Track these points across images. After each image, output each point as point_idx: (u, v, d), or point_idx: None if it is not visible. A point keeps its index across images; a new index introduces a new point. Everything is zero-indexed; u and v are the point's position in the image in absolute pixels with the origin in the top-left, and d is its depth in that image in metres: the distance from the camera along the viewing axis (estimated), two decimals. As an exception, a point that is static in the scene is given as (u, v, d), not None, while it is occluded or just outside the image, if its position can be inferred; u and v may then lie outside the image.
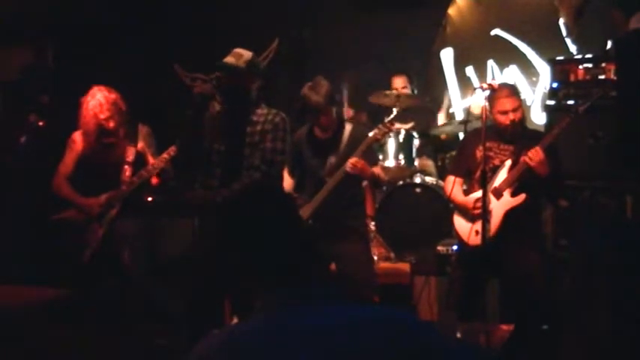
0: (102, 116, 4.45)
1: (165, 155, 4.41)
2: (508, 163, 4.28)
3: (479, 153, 4.27)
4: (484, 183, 4.07)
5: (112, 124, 4.48)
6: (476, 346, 3.99)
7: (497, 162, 4.32)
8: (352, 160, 4.26)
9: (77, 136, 4.61)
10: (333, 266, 4.43)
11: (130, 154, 4.56)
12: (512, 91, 4.33)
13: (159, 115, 4.95)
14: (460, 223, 4.39)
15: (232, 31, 6.50)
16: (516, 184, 4.23)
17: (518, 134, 4.31)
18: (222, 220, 1.87)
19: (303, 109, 4.37)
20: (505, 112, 4.24)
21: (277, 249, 1.73)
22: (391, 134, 5.77)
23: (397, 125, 5.85)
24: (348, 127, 4.46)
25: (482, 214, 4.07)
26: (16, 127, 5.21)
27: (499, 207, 4.23)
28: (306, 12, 7.10)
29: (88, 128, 4.50)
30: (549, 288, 4.05)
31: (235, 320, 4.85)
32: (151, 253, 4.75)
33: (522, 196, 4.21)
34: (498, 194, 4.25)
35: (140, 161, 4.59)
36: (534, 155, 4.10)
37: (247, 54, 4.09)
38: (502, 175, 4.28)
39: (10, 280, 4.24)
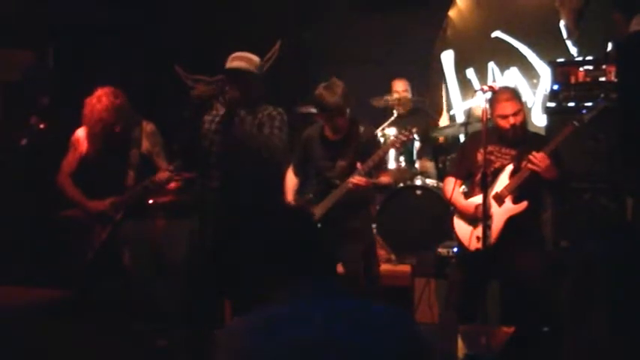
0: (109, 121, 4.43)
1: (170, 168, 4.41)
2: (509, 167, 4.27)
3: (480, 156, 4.26)
4: (485, 187, 4.06)
5: (118, 129, 4.47)
6: None
7: (497, 165, 4.31)
8: (354, 179, 4.24)
9: (82, 136, 4.58)
10: (340, 268, 4.43)
11: (134, 158, 4.54)
12: (513, 94, 4.30)
13: (159, 116, 4.94)
14: (460, 228, 4.38)
15: (232, 32, 6.51)
16: (518, 190, 4.22)
17: (520, 138, 4.29)
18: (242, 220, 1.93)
19: (319, 109, 4.35)
20: (505, 117, 4.22)
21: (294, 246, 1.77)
22: (390, 135, 5.78)
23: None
24: (359, 129, 4.44)
25: (483, 218, 4.06)
26: (16, 129, 5.21)
27: (501, 213, 4.21)
28: (306, 13, 7.10)
29: (94, 132, 4.48)
30: (550, 290, 4.04)
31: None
32: (152, 254, 4.74)
33: (524, 204, 4.19)
34: (500, 200, 4.23)
35: (145, 163, 4.58)
36: (541, 161, 4.08)
37: (256, 58, 4.10)
38: (503, 181, 4.26)
39: (11, 281, 4.24)
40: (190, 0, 7.05)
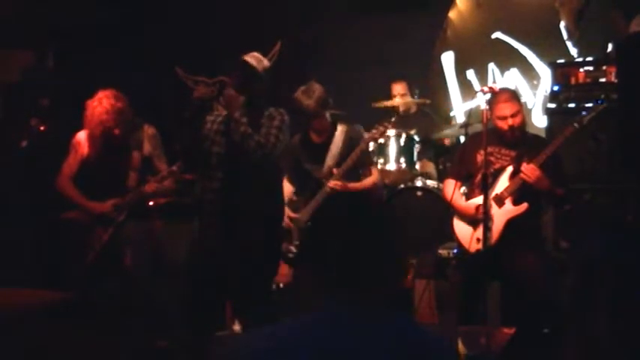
0: (109, 124, 4.42)
1: (172, 173, 4.41)
2: (509, 169, 4.27)
3: (479, 157, 4.26)
4: (485, 187, 4.06)
5: (118, 132, 4.47)
6: None
7: (497, 166, 4.31)
8: (330, 184, 4.28)
9: (82, 139, 4.58)
10: None
11: (136, 160, 4.54)
12: (511, 95, 4.31)
13: (159, 117, 4.94)
14: (460, 229, 4.37)
15: (232, 33, 6.51)
16: (518, 192, 4.22)
17: (519, 139, 4.30)
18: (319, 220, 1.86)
19: (296, 112, 4.38)
20: (504, 118, 4.23)
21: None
22: (391, 136, 5.80)
23: (397, 129, 5.87)
24: (341, 128, 4.47)
25: (483, 219, 4.06)
26: (17, 130, 5.21)
27: (501, 215, 4.21)
28: (306, 14, 7.11)
29: (94, 134, 4.49)
30: (550, 290, 4.04)
31: (237, 324, 4.84)
32: (153, 255, 4.74)
33: (524, 206, 4.20)
34: (500, 202, 4.23)
35: (146, 166, 4.58)
36: (530, 173, 4.11)
37: (266, 61, 4.10)
38: (503, 182, 4.27)
39: (12, 283, 4.24)
40: (190, 0, 7.05)
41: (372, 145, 5.47)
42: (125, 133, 4.51)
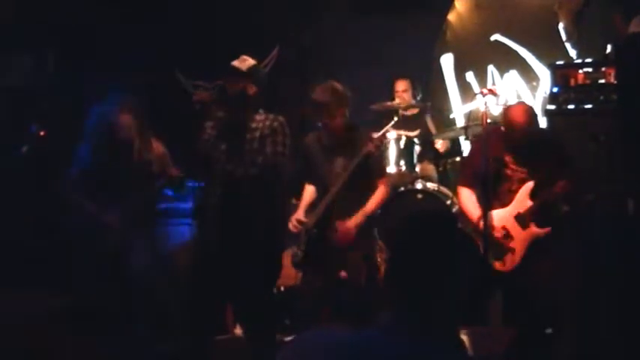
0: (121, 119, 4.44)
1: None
2: (529, 185, 4.28)
3: (490, 162, 4.27)
4: (486, 191, 4.06)
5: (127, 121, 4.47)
6: None
7: (516, 178, 4.31)
8: (337, 230, 4.23)
9: (86, 153, 4.58)
10: (344, 274, 4.41)
11: (142, 172, 4.54)
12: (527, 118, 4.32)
13: (160, 121, 4.94)
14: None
15: (232, 35, 6.51)
16: (540, 213, 4.25)
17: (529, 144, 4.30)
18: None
19: (314, 110, 4.34)
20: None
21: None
22: (391, 139, 5.79)
23: (402, 133, 5.88)
24: (351, 131, 4.42)
25: (483, 228, 4.08)
26: (17, 134, 5.21)
27: (525, 237, 4.24)
28: (305, 15, 7.11)
29: (118, 137, 4.48)
30: (552, 291, 4.04)
31: (237, 327, 4.83)
32: (154, 259, 4.74)
33: (548, 229, 4.22)
34: (524, 223, 4.25)
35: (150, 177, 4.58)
36: (563, 189, 4.19)
37: (251, 60, 4.11)
38: (524, 200, 4.28)
39: (13, 286, 4.24)
40: (190, 2, 7.05)
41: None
42: (138, 130, 4.49)
